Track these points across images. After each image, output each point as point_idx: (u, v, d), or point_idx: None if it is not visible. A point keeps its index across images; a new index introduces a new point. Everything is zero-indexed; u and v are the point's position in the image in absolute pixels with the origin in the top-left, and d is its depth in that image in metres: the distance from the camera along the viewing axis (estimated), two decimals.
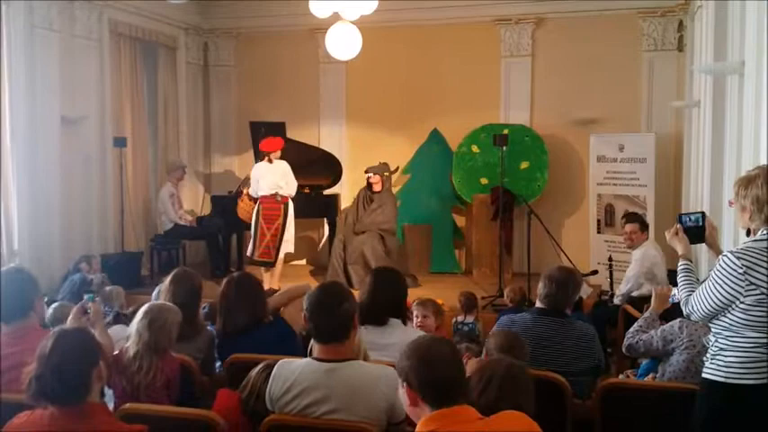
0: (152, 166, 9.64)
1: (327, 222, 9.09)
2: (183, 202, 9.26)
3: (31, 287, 3.40)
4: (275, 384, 2.78)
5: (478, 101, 9.22)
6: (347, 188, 9.52)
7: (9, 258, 6.90)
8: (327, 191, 9.16)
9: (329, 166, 9.07)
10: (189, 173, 9.59)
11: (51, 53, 7.57)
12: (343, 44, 7.09)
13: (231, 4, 9.92)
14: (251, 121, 9.28)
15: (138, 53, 9.27)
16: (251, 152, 9.14)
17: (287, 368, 2.79)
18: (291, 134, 8.81)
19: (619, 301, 6.09)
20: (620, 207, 8.11)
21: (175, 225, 8.77)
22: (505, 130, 8.52)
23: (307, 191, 8.77)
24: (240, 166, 10.14)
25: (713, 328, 2.86)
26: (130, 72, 9.10)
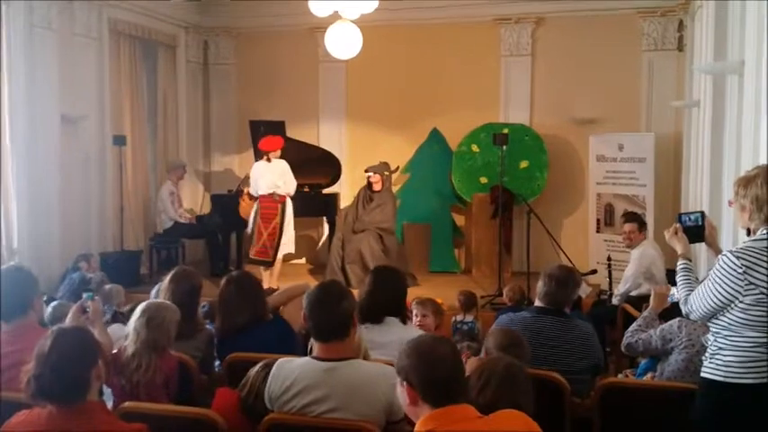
0: (151, 164, 9.63)
1: (327, 221, 9.11)
2: (183, 201, 9.27)
3: (31, 286, 3.40)
4: (274, 383, 2.78)
5: (478, 100, 9.22)
6: (347, 187, 9.52)
7: (8, 257, 6.90)
8: (327, 190, 9.17)
9: (329, 165, 9.07)
10: (188, 171, 9.58)
11: (51, 52, 7.55)
12: (343, 43, 7.09)
13: (231, 3, 9.90)
14: (251, 119, 9.28)
15: (138, 52, 9.26)
16: (251, 151, 9.14)
17: (286, 367, 2.79)
18: (291, 133, 8.81)
19: (617, 300, 6.09)
20: (619, 207, 8.10)
21: (175, 223, 8.78)
22: (505, 130, 8.53)
23: (306, 190, 8.78)
24: (240, 165, 10.13)
25: (712, 328, 2.86)
26: (130, 71, 9.09)
